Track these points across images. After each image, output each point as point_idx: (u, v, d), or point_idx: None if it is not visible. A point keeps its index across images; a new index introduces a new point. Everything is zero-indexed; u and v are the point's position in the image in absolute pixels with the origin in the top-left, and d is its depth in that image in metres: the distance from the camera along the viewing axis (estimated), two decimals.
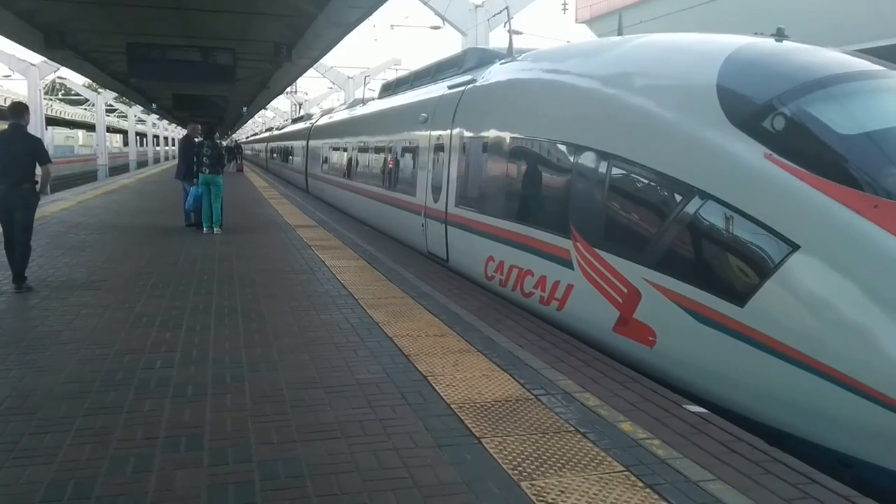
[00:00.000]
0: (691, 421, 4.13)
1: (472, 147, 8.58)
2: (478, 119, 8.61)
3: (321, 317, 6.41)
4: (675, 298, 4.94)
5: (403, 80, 14.43)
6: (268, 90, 30.11)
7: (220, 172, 12.52)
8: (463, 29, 17.03)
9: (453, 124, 9.17)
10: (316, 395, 4.42)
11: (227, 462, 3.49)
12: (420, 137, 10.72)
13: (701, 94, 5.31)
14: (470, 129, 8.70)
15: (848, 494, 3.28)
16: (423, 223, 10.15)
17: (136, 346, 5.44)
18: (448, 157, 9.23)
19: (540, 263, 6.62)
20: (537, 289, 6.67)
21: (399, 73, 14.78)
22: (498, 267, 7.52)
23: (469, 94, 9.11)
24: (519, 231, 7.08)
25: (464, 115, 8.97)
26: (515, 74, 8.32)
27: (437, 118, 9.95)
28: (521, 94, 7.93)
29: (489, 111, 8.50)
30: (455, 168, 8.99)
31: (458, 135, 8.97)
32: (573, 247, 6.07)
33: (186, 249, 10.47)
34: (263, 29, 16.05)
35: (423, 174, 10.36)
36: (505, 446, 3.70)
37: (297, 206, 18.13)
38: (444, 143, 9.43)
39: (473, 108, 8.84)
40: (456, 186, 8.91)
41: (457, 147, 8.96)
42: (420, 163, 10.57)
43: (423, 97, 11.48)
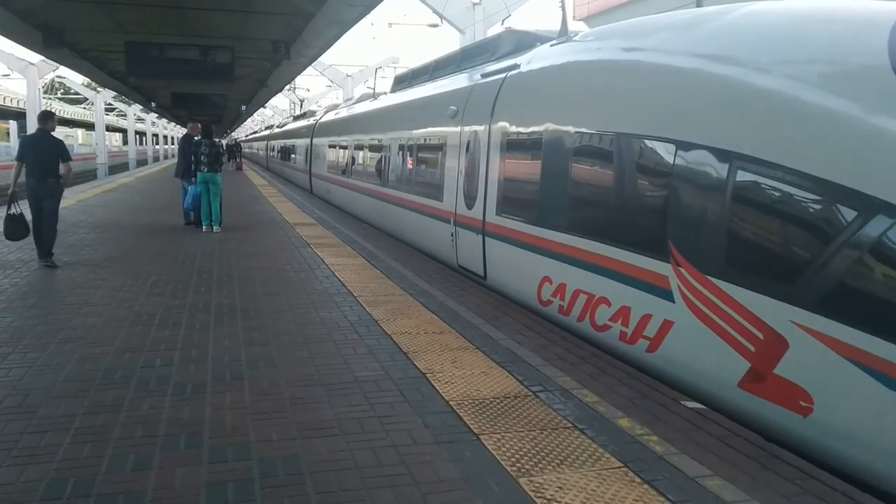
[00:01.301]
0: (689, 417, 4.14)
1: (519, 144, 7.21)
2: (527, 110, 7.18)
3: (320, 314, 6.42)
4: (847, 353, 3.66)
5: (421, 72, 12.92)
6: (266, 88, 30.11)
7: (218, 171, 12.52)
8: (461, 27, 17.02)
9: (492, 118, 7.80)
10: (315, 393, 4.43)
11: (226, 460, 3.50)
12: (447, 134, 9.33)
13: (872, 76, 4.05)
14: (516, 123, 7.29)
15: (846, 490, 3.29)
16: (452, 232, 8.84)
17: (136, 345, 5.45)
18: (486, 157, 7.87)
19: (621, 291, 5.32)
20: (616, 322, 5.41)
21: (416, 65, 13.37)
22: (558, 291, 6.24)
23: (513, 81, 7.68)
24: (591, 249, 5.71)
25: (507, 107, 7.62)
26: (578, 56, 6.80)
27: (469, 111, 8.59)
28: (592, 79, 6.30)
29: (544, 101, 6.98)
30: (496, 169, 7.62)
31: (500, 130, 7.59)
32: (674, 272, 4.76)
33: (185, 248, 10.48)
34: (262, 27, 16.05)
35: (451, 176, 9.00)
36: (503, 443, 3.72)
37: (296, 205, 18.13)
38: (479, 140, 8.12)
39: (520, 98, 7.48)
40: (497, 191, 7.53)
41: (497, 144, 7.60)
42: (447, 163, 9.20)
43: (449, 88, 10.08)
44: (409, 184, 11.18)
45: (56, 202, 8.99)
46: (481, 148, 8.02)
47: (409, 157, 11.24)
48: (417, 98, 11.88)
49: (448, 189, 9.11)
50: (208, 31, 16.51)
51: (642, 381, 4.75)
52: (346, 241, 11.36)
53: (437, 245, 9.64)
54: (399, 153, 11.86)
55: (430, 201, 9.91)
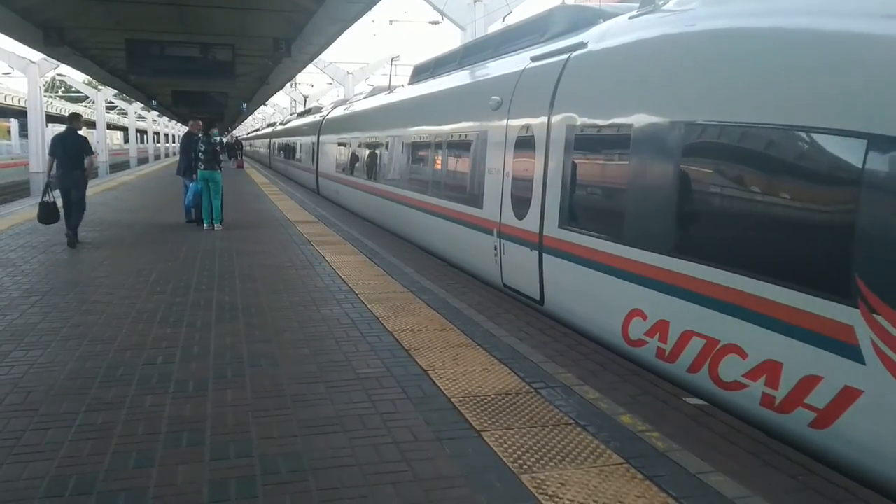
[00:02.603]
0: (691, 413, 4.14)
1: (594, 140, 5.88)
2: (605, 98, 5.84)
3: (322, 312, 6.43)
4: None
5: (447, 60, 11.57)
6: (267, 86, 30.07)
7: (216, 168, 12.50)
8: (462, 24, 17.01)
9: (553, 108, 6.48)
10: (316, 390, 4.44)
11: (228, 457, 3.50)
12: (487, 128, 8.05)
13: None
14: (589, 114, 5.96)
15: (847, 485, 3.29)
16: (495, 245, 7.61)
17: (137, 343, 5.45)
18: (543, 156, 6.58)
19: (768, 340, 4.02)
20: (756, 381, 4.10)
21: (440, 53, 12.21)
22: (655, 330, 4.94)
23: (581, 63, 6.36)
24: (715, 280, 4.38)
25: (573, 94, 6.32)
26: (684, 26, 5.28)
27: (518, 101, 7.34)
28: (713, 55, 4.80)
29: (632, 85, 5.53)
30: (558, 171, 6.28)
31: (564, 122, 6.27)
32: (864, 321, 3.47)
33: (187, 246, 10.49)
34: (262, 24, 16.04)
35: (494, 179, 7.73)
36: (505, 439, 3.72)
37: (298, 202, 18.13)
38: (533, 135, 6.82)
39: (594, 83, 6.14)
40: (562, 198, 6.21)
41: (561, 140, 6.26)
42: (489, 163, 7.90)
43: (486, 76, 8.87)
44: (436, 187, 9.84)
45: (83, 191, 10.44)
46: (537, 145, 6.73)
47: (437, 156, 9.90)
48: (445, 89, 10.55)
49: (490, 194, 7.82)
50: (209, 29, 16.49)
51: (644, 377, 4.75)
52: (348, 238, 11.35)
53: (475, 259, 8.33)
54: (423, 152, 10.61)
55: (465, 208, 8.59)
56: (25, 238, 10.89)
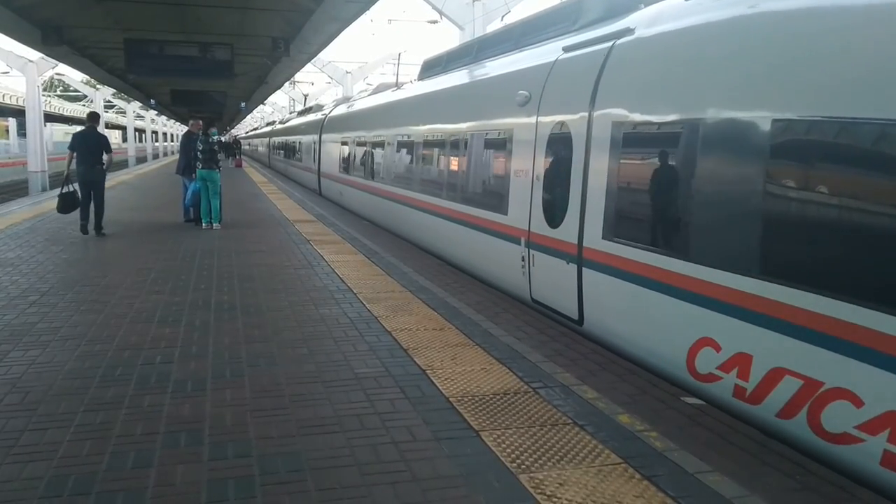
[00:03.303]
0: (689, 413, 4.14)
1: (649, 139, 5.20)
2: (664, 91, 5.09)
3: (320, 311, 6.42)
4: None
5: (461, 53, 10.88)
6: (266, 85, 30.06)
7: (214, 168, 12.51)
8: (460, 23, 17.00)
9: (594, 103, 5.79)
10: (315, 390, 4.44)
11: (226, 457, 3.50)
12: (512, 126, 7.36)
13: None
14: (642, 109, 5.26)
15: (844, 485, 3.29)
16: (523, 256, 6.90)
17: (136, 342, 5.45)
18: (583, 156, 5.86)
19: (892, 388, 3.37)
20: (877, 433, 3.44)
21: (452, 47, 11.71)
22: (733, 364, 4.25)
23: (628, 51, 5.66)
24: (822, 310, 3.69)
25: (620, 87, 5.61)
26: (773, 5, 4.42)
27: (550, 96, 6.64)
28: (815, 40, 4.01)
29: (699, 76, 4.80)
30: (602, 174, 5.57)
31: (609, 119, 5.57)
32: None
33: (185, 245, 10.48)
34: (261, 24, 16.03)
35: (521, 182, 7.03)
36: (504, 439, 3.72)
37: (296, 202, 18.12)
38: (570, 134, 6.11)
39: (646, 74, 5.37)
40: (606, 205, 5.51)
41: (605, 139, 5.56)
42: (514, 164, 7.20)
43: (510, 69, 8.11)
44: (452, 190, 9.09)
45: (102, 184, 11.62)
46: (575, 144, 6.02)
47: (453, 156, 9.16)
48: (461, 84, 9.85)
49: (516, 199, 7.14)
50: (208, 28, 16.48)
51: (642, 377, 4.75)
52: (346, 237, 11.35)
53: (499, 270, 7.62)
54: (437, 152, 9.88)
55: (486, 213, 7.88)
56: (24, 238, 10.89)
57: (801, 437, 3.87)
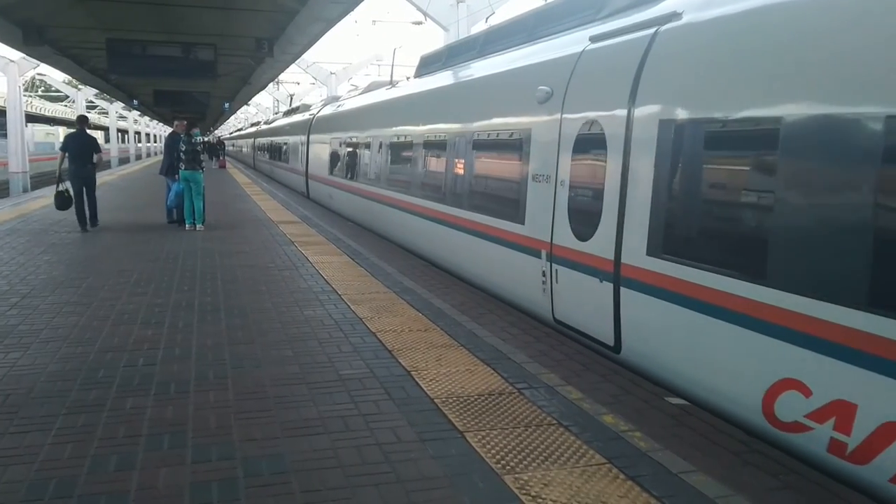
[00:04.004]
0: (672, 413, 4.16)
1: (713, 139, 4.41)
2: (732, 84, 4.30)
3: (304, 313, 6.40)
4: None
5: (463, 48, 10.16)
6: (250, 86, 29.89)
7: (197, 169, 12.46)
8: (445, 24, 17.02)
9: (635, 98, 5.08)
10: (299, 392, 4.42)
11: (210, 459, 3.48)
12: (531, 125, 6.61)
13: None
14: (699, 105, 4.53)
15: (827, 485, 3.32)
16: (544, 271, 6.19)
17: (118, 344, 5.41)
18: (621, 159, 5.16)
19: None
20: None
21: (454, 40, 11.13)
22: (828, 412, 3.57)
23: (676, 39, 4.92)
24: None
25: (668, 80, 4.88)
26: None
27: (577, 91, 5.92)
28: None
29: (784, 66, 3.97)
30: (647, 180, 4.85)
31: (654, 117, 4.86)
32: None
33: (168, 246, 10.41)
34: (244, 24, 15.94)
35: (541, 188, 6.30)
36: (488, 440, 3.72)
37: (280, 203, 18.05)
38: (602, 134, 5.42)
39: (703, 65, 4.60)
40: (653, 216, 4.79)
41: (649, 139, 4.85)
42: (534, 167, 6.47)
43: (525, 63, 7.34)
44: (456, 196, 8.39)
45: (94, 182, 12.37)
46: (610, 145, 5.31)
47: (458, 158, 8.40)
48: (466, 81, 9.14)
49: (535, 207, 6.44)
50: (190, 29, 16.36)
51: (626, 377, 4.78)
52: (331, 238, 11.32)
53: (514, 285, 6.91)
54: (440, 154, 9.09)
55: (499, 222, 7.16)
56: (5, 240, 10.78)
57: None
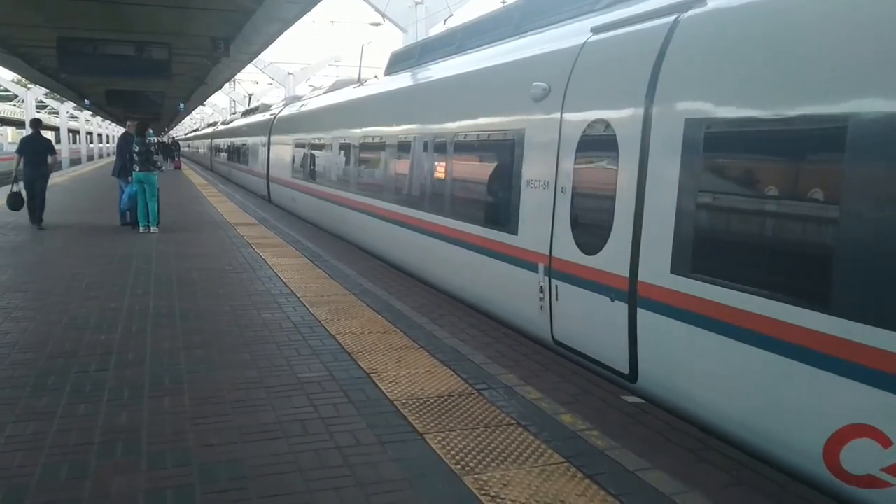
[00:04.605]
0: (629, 412, 4.22)
1: (752, 140, 3.85)
2: (776, 76, 3.73)
3: (262, 316, 6.33)
4: None
5: (439, 44, 9.59)
6: (205, 86, 29.50)
7: (152, 170, 12.24)
8: (403, 26, 17.00)
9: (654, 95, 4.50)
10: (257, 396, 4.37)
11: (165, 466, 3.42)
12: (524, 126, 6.05)
13: None
14: (734, 101, 3.97)
15: (779, 480, 3.41)
16: (542, 286, 5.64)
17: (70, 349, 5.28)
18: (637, 163, 4.59)
19: None
20: None
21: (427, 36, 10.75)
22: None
23: (704, 27, 4.35)
24: None
25: (694, 74, 4.30)
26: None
27: (580, 88, 5.39)
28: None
29: (841, 55, 3.45)
30: (670, 187, 4.28)
31: (679, 116, 4.26)
32: None
33: (122, 249, 10.20)
34: (200, 23, 15.71)
35: (537, 194, 5.76)
36: (448, 441, 3.73)
37: (237, 205, 17.83)
38: (612, 135, 4.86)
39: (739, 56, 3.99)
40: (679, 228, 4.22)
41: (674, 141, 4.25)
42: (528, 172, 5.94)
43: (515, 58, 6.75)
44: (437, 202, 7.78)
45: (45, 183, 12.81)
46: (623, 147, 4.76)
47: (438, 161, 7.84)
48: (445, 78, 8.51)
49: (529, 215, 5.90)
50: (144, 27, 16.06)
51: (584, 377, 4.83)
52: (289, 240, 11.22)
53: (504, 300, 6.36)
54: (419, 156, 8.46)
55: (487, 231, 6.57)
56: None
57: None
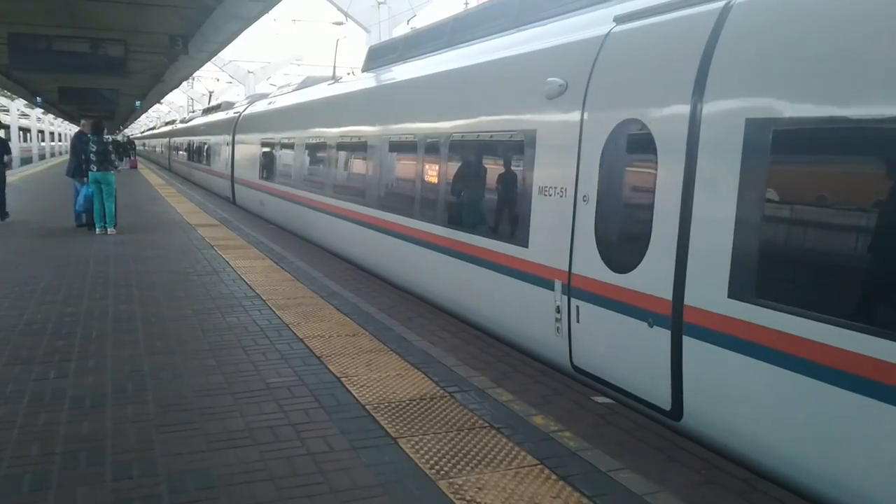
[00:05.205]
0: (599, 412, 4.25)
1: (845, 140, 3.28)
2: (868, 73, 3.16)
3: (227, 319, 6.22)
4: None
5: (426, 37, 8.95)
6: (163, 83, 28.95)
7: (109, 170, 11.96)
8: (366, 25, 16.92)
9: (703, 91, 3.96)
10: (224, 402, 4.29)
11: (131, 476, 3.33)
12: (535, 126, 5.48)
13: None
14: (820, 101, 3.36)
15: (747, 478, 3.46)
16: (558, 306, 5.10)
17: (27, 356, 5.12)
18: (682, 168, 4.02)
19: None
20: None
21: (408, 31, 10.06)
22: None
23: (767, 13, 3.77)
24: None
25: (759, 66, 3.68)
26: None
27: (607, 83, 4.82)
28: None
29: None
30: (726, 197, 3.72)
31: (736, 115, 3.72)
32: None
33: (78, 251, 9.95)
34: (157, 20, 15.41)
35: (552, 203, 5.20)
36: (422, 445, 3.70)
37: (197, 205, 17.53)
38: (647, 135, 4.31)
39: (818, 49, 3.42)
40: (738, 245, 3.65)
41: (731, 144, 3.71)
42: (540, 178, 5.36)
43: (522, 52, 6.10)
44: (431, 209, 7.17)
45: (3, 178, 13.53)
46: (662, 150, 4.19)
47: (434, 163, 7.18)
48: (440, 73, 7.73)
49: (543, 226, 5.33)
50: (100, 23, 15.70)
51: (555, 378, 4.84)
52: (252, 242, 11.06)
53: (512, 320, 5.78)
54: (408, 157, 7.91)
55: (492, 243, 5.99)
56: None
57: None
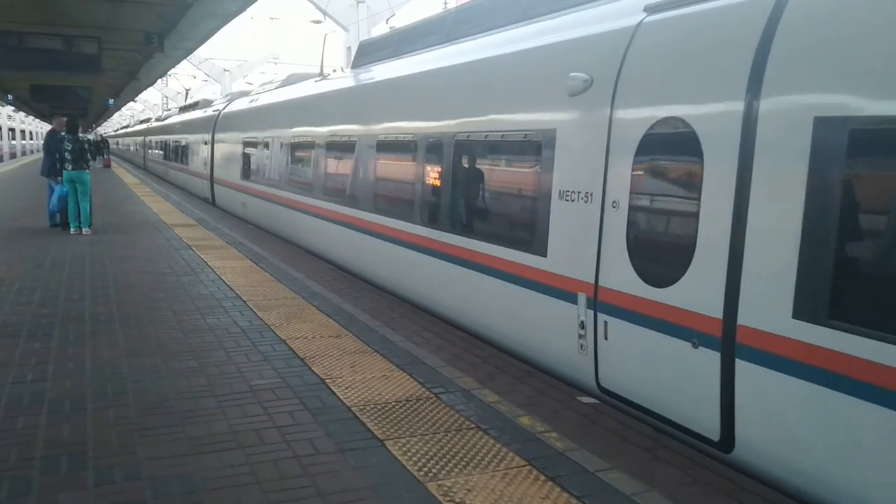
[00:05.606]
0: (585, 412, 4.26)
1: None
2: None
3: (208, 321, 6.15)
4: None
5: (423, 32, 8.52)
6: (137, 81, 28.60)
7: (84, 168, 11.79)
8: (345, 24, 16.84)
9: (760, 87, 3.58)
10: (207, 405, 4.23)
11: (114, 481, 3.27)
12: (555, 125, 5.11)
13: None
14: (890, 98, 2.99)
15: (733, 477, 3.48)
16: (582, 321, 4.72)
17: (3, 359, 5.02)
18: (734, 172, 3.65)
19: None
20: None
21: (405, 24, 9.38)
22: None
23: None
24: None
25: (827, 59, 3.31)
26: None
27: (639, 78, 4.45)
28: None
29: None
30: (792, 206, 3.33)
31: (802, 113, 3.33)
32: None
33: (53, 252, 9.78)
34: (132, 17, 15.21)
35: (574, 209, 4.83)
36: (409, 447, 3.68)
37: (174, 205, 17.34)
38: (689, 134, 3.94)
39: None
40: (805, 259, 3.26)
41: (797, 146, 3.32)
42: (559, 180, 5.00)
43: (535, 45, 5.71)
44: (429, 211, 6.86)
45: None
46: (709, 151, 3.82)
47: (437, 164, 6.75)
48: (442, 69, 7.28)
49: (565, 233, 4.94)
50: (73, 20, 15.46)
51: (540, 378, 4.84)
52: (231, 242, 10.96)
53: (528, 335, 5.40)
54: (407, 158, 7.44)
55: (504, 251, 5.60)
56: None
57: None
